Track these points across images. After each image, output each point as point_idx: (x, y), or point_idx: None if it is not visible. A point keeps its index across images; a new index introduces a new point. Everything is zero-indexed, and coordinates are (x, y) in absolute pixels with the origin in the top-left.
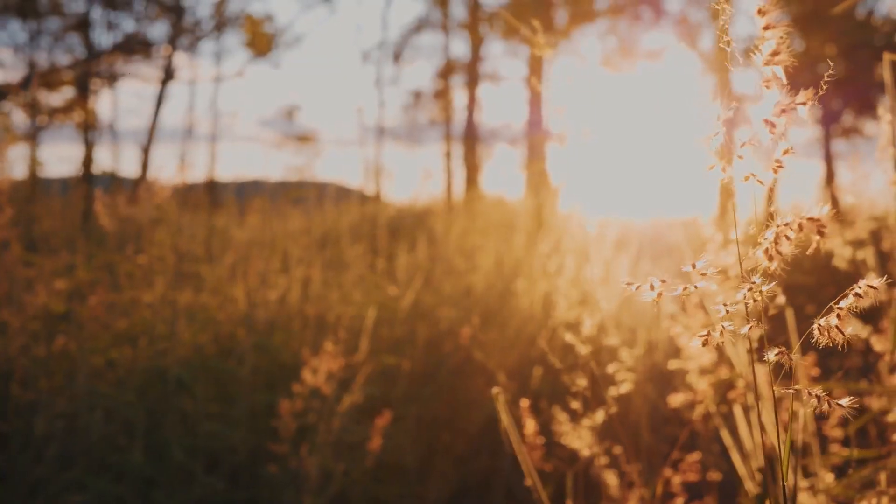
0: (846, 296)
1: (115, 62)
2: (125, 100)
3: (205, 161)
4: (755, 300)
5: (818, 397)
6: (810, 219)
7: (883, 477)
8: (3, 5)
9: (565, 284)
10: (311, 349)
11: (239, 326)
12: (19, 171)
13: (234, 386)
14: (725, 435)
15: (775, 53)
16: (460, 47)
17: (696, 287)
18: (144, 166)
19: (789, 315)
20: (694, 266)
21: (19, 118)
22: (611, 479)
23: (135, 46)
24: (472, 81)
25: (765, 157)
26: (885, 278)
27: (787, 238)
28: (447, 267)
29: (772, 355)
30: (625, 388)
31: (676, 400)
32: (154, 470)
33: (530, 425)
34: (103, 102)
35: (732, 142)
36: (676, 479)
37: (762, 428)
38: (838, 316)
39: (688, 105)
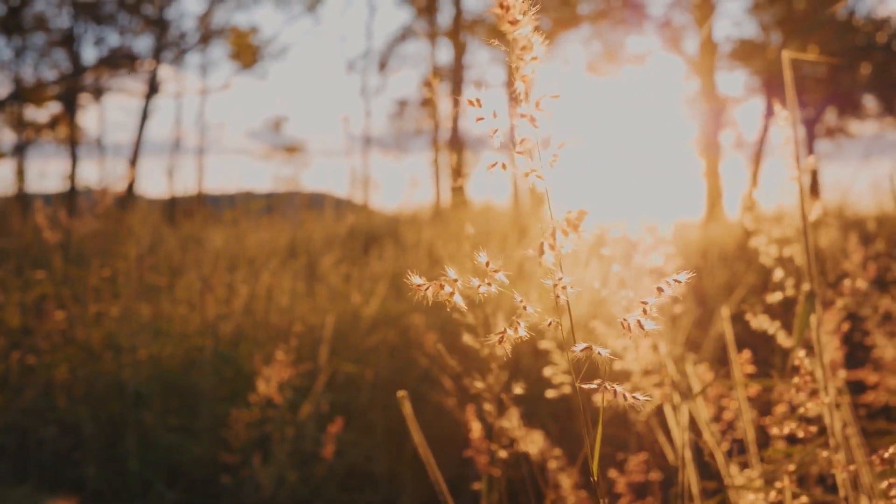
0: (661, 291)
1: (101, 76)
2: (112, 114)
3: (193, 174)
4: (558, 295)
5: (614, 390)
6: (580, 214)
7: (789, 468)
8: None
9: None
10: (270, 359)
11: (203, 338)
12: (5, 187)
13: (195, 398)
14: (662, 434)
15: (525, 49)
16: (446, 55)
17: (489, 285)
18: (132, 180)
19: (725, 313)
20: (487, 264)
21: (5, 134)
22: (564, 480)
23: (120, 60)
24: (457, 89)
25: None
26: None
27: (564, 232)
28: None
29: (578, 349)
30: (555, 392)
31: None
32: (110, 483)
33: (476, 429)
34: (90, 117)
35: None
36: (622, 480)
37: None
38: (644, 311)
39: (673, 107)
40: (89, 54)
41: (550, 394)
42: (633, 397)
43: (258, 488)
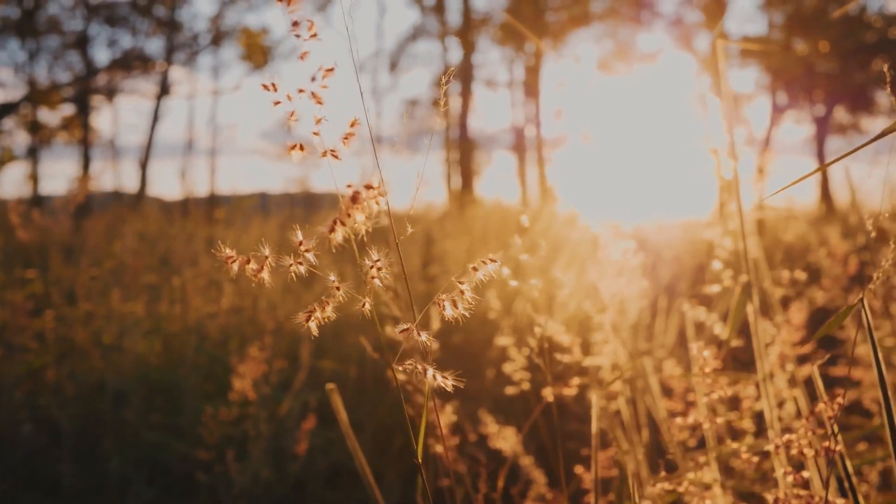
0: (482, 267)
1: (114, 78)
2: (126, 116)
3: (206, 175)
4: (374, 277)
5: (427, 371)
6: (367, 186)
7: (714, 464)
8: (2, 25)
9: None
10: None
11: (188, 335)
12: (21, 188)
13: (179, 395)
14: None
15: (297, 26)
16: (458, 55)
17: (300, 264)
18: (143, 181)
19: (686, 308)
20: (300, 244)
21: (20, 136)
22: (538, 476)
23: (133, 62)
24: (466, 88)
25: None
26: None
27: (357, 206)
28: (406, 271)
29: (398, 330)
30: (514, 389)
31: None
32: (89, 481)
33: (444, 426)
34: (103, 119)
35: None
36: (588, 477)
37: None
38: (461, 292)
39: (684, 105)
40: (102, 56)
41: (510, 390)
42: (441, 375)
43: (231, 485)
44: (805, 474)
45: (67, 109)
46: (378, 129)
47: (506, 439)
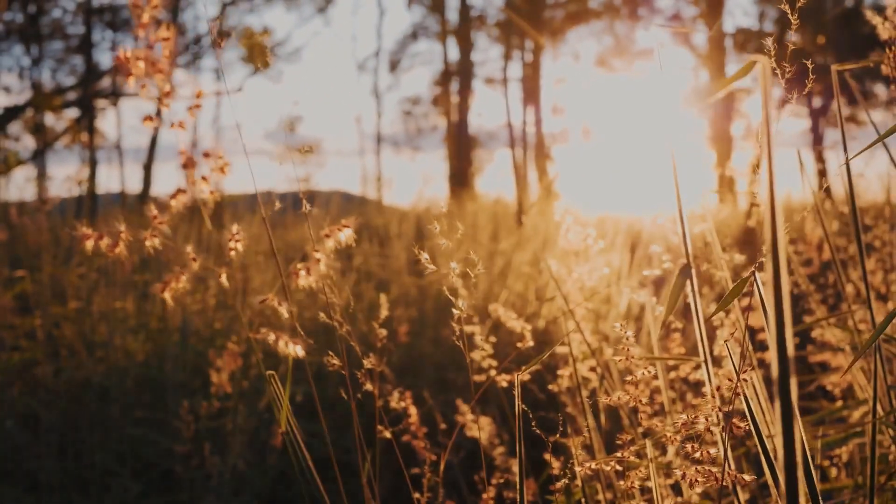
0: (335, 234)
1: (117, 81)
2: (130, 118)
3: (211, 176)
4: (232, 249)
5: (279, 340)
6: (205, 154)
7: (649, 447)
8: (6, 30)
9: (515, 280)
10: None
11: (175, 332)
12: (24, 191)
13: (165, 391)
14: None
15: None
16: (457, 53)
17: (154, 238)
18: (147, 183)
19: (646, 301)
20: (154, 217)
21: (27, 140)
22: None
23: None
24: (465, 86)
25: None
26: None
27: (191, 172)
28: (397, 266)
29: (257, 301)
30: (482, 376)
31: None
32: (72, 476)
33: (414, 414)
34: (108, 122)
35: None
36: (556, 464)
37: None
38: (317, 260)
39: (682, 101)
40: (106, 59)
41: (478, 378)
42: (292, 342)
43: (209, 478)
44: (712, 451)
45: (72, 113)
46: (379, 127)
47: (483, 429)
